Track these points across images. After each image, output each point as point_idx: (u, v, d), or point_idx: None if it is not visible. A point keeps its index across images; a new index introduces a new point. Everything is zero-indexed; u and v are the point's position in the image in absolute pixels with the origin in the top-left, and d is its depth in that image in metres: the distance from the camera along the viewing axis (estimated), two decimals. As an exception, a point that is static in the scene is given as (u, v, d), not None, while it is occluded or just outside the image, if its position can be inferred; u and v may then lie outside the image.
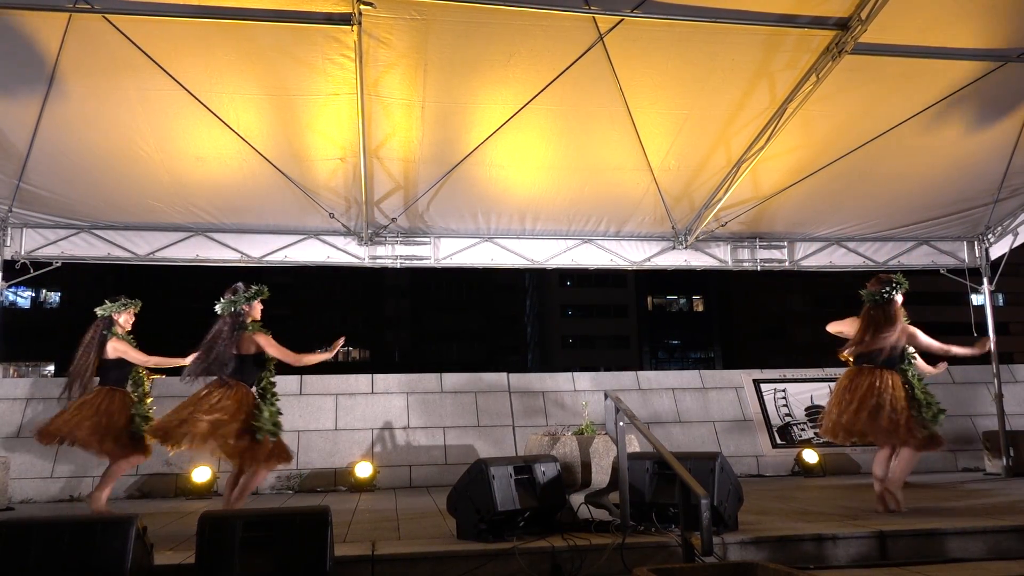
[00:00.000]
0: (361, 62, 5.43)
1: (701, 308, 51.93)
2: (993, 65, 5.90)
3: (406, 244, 7.87)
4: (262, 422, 5.03)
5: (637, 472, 4.50)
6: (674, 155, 6.92)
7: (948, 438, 5.48)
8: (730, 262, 8.42)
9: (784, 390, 9.27)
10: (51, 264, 7.44)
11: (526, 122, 6.33)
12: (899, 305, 5.44)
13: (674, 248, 8.25)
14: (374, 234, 7.72)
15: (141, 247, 7.52)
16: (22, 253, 7.31)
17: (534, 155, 6.84)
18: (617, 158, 6.92)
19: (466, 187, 7.18)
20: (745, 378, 9.39)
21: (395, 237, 7.82)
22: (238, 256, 7.65)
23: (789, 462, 8.60)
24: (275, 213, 7.41)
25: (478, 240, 8.00)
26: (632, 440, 5.18)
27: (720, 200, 7.32)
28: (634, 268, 8.39)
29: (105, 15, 5.03)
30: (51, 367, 36.89)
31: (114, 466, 5.77)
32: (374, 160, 6.69)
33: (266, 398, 5.20)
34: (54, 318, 39.63)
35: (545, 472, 4.55)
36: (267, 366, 5.30)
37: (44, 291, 41.17)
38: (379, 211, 7.45)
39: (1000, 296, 44.26)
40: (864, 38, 5.26)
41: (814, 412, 8.95)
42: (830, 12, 5.27)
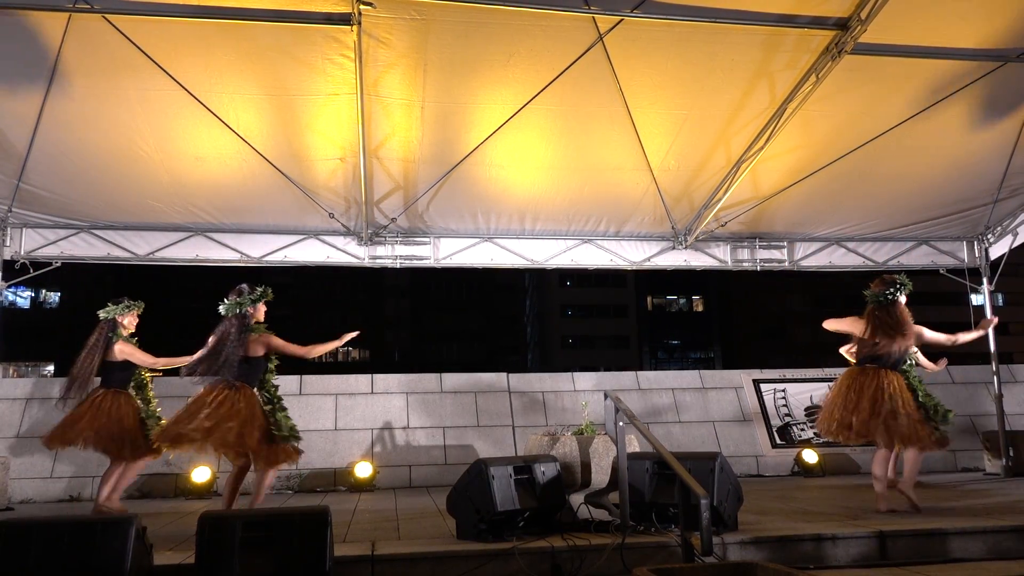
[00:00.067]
0: (361, 62, 5.44)
1: (701, 308, 51.91)
2: (993, 65, 5.90)
3: (406, 244, 7.88)
4: (283, 430, 5.07)
5: (637, 472, 4.50)
6: (674, 155, 6.92)
7: (949, 438, 5.49)
8: (730, 262, 8.42)
9: (784, 390, 9.27)
10: (51, 264, 7.44)
11: (526, 122, 6.33)
12: (904, 306, 5.40)
13: (674, 248, 8.26)
14: (374, 234, 7.72)
15: (141, 247, 7.52)
16: (22, 253, 7.31)
17: (534, 155, 6.84)
18: (617, 158, 6.92)
19: (466, 187, 7.18)
20: (745, 378, 9.39)
21: (395, 237, 7.82)
22: (238, 256, 7.65)
23: (789, 462, 8.60)
24: (275, 213, 7.41)
25: (478, 240, 8.00)
26: (632, 440, 5.17)
27: (720, 200, 7.32)
28: (634, 268, 8.39)
29: (105, 15, 5.04)
30: (51, 367, 36.86)
31: (131, 468, 5.81)
32: (374, 160, 6.70)
33: (275, 403, 5.22)
34: (54, 318, 39.61)
35: (545, 472, 4.55)
36: (269, 368, 5.31)
37: (44, 291, 41.12)
38: (379, 211, 7.45)
39: (1000, 296, 44.23)
40: (864, 38, 5.26)
41: (814, 412, 8.92)
42: (830, 12, 5.27)
